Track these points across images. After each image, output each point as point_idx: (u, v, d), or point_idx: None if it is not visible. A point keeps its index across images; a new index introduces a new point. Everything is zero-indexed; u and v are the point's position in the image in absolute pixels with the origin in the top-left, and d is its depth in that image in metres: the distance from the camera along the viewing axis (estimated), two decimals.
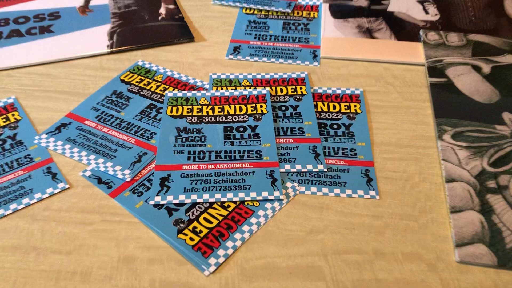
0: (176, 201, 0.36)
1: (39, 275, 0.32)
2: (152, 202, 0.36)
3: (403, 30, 0.56)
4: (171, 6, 0.60)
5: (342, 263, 0.33)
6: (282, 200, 0.37)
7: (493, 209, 0.36)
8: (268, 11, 0.59)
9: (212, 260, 0.33)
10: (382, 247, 0.34)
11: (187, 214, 0.36)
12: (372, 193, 0.38)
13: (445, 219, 0.36)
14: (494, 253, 0.33)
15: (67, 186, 0.38)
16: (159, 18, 0.58)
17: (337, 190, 0.38)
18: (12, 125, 0.44)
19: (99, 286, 0.32)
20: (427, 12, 0.59)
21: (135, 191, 0.38)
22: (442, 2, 0.60)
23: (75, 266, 0.33)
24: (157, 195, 0.37)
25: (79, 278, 0.32)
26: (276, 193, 0.37)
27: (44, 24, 0.57)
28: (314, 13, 0.59)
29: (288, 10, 0.59)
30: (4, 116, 0.44)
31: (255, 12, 0.59)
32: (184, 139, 0.41)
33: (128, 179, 0.38)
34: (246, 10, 0.59)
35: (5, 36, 0.55)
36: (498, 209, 0.36)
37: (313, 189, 0.38)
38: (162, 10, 0.59)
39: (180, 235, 0.34)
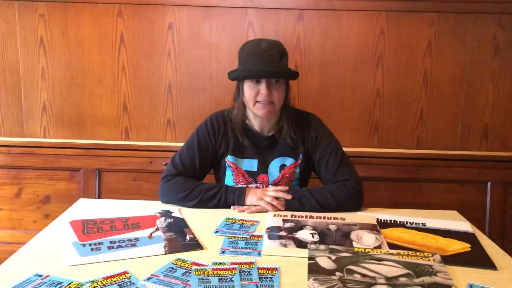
0: None
1: None
2: None
3: (301, 244, 1.21)
4: (192, 236, 1.25)
5: None
6: None
7: None
8: (238, 237, 1.25)
9: None
10: None
11: None
12: None
13: None
14: None
15: None
16: (186, 239, 1.23)
17: None
18: (127, 278, 1.02)
19: None
20: (313, 237, 1.26)
21: None
22: (321, 231, 1.28)
23: None
24: None
25: None
26: None
27: (132, 242, 1.20)
28: (260, 238, 1.25)
29: (248, 237, 1.25)
30: (124, 275, 1.03)
31: (232, 237, 1.25)
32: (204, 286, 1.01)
33: None
34: (227, 237, 1.25)
35: (115, 247, 1.17)
36: None
37: None
38: (187, 237, 1.25)
39: None
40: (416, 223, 1.40)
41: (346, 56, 2.12)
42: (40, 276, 1.02)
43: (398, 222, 1.41)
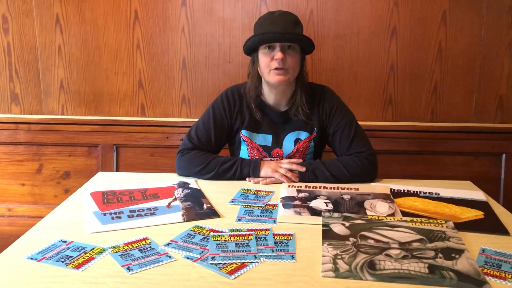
0: (218, 262, 0.97)
1: None
2: (210, 263, 0.97)
3: (315, 212, 1.24)
4: (209, 205, 1.29)
5: (279, 277, 0.93)
6: (258, 262, 0.98)
7: (338, 264, 0.97)
8: (254, 206, 1.28)
9: (232, 276, 0.92)
10: (293, 273, 0.94)
11: (223, 265, 0.96)
12: (293, 260, 0.99)
13: (319, 267, 0.96)
14: (334, 273, 0.93)
15: (175, 259, 0.99)
16: (203, 208, 1.26)
17: (280, 260, 0.99)
18: (147, 243, 1.06)
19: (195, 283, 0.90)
20: (327, 206, 1.28)
21: (204, 260, 0.98)
22: (335, 200, 1.30)
23: (188, 274, 0.92)
24: (211, 260, 0.98)
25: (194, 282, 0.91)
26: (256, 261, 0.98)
27: (151, 211, 1.24)
28: (275, 207, 1.28)
29: (263, 205, 1.28)
30: (144, 241, 1.07)
31: (248, 206, 1.28)
32: (222, 251, 1.04)
33: (198, 256, 1.00)
34: (243, 206, 1.28)
35: (135, 216, 1.21)
36: (340, 267, 0.97)
37: (274, 259, 0.99)
38: (204, 206, 1.28)
39: (222, 270, 0.94)
40: (429, 193, 1.42)
41: (360, 29, 2.10)
42: (65, 242, 1.07)
43: (412, 191, 1.42)
